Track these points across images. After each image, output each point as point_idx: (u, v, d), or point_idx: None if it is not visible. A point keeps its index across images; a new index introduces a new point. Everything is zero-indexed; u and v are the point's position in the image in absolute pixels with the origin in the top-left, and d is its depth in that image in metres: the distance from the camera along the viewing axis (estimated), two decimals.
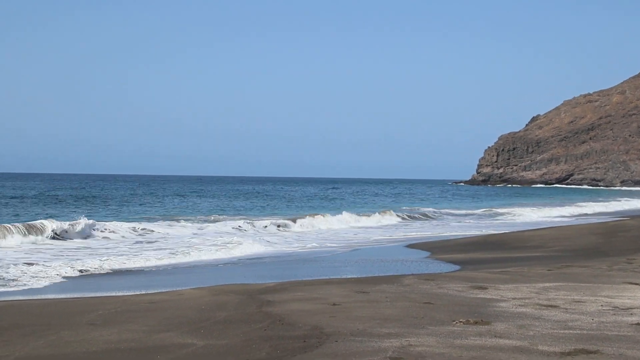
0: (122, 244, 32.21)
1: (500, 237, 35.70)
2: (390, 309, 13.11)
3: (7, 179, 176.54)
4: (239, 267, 23.55)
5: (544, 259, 23.99)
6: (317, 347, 9.99)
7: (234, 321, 12.11)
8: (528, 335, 10.72)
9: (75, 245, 31.07)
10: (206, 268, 23.11)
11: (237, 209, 67.28)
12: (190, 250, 27.93)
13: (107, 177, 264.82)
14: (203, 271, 22.31)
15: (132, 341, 10.68)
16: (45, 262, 23.09)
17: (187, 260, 25.10)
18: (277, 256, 27.42)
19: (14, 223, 34.97)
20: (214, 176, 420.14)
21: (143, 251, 28.17)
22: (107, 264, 22.98)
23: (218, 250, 28.18)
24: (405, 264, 23.70)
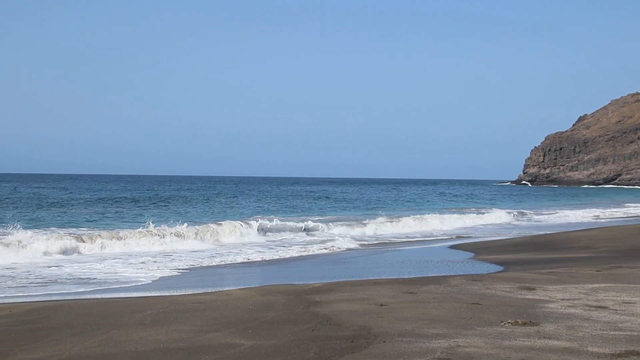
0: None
1: (547, 238, 35.52)
2: (437, 309, 13.07)
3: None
4: (287, 266, 23.64)
5: (592, 260, 23.81)
6: (365, 347, 9.98)
7: (282, 321, 12.13)
8: (577, 337, 10.65)
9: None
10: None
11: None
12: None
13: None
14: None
15: (181, 341, 10.73)
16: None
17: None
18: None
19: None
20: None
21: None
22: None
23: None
24: (451, 265, 23.65)
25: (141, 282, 19.95)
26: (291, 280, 19.01)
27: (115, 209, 61.21)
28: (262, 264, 25.54)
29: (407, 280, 18.03)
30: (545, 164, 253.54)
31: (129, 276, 21.13)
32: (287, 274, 21.91)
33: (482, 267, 22.54)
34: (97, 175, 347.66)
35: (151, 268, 23.18)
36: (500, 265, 22.77)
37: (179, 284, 19.59)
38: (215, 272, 23.09)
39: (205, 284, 18.99)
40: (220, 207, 68.40)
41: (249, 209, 66.69)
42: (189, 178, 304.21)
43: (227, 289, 16.83)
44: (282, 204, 78.25)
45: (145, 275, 21.36)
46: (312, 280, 19.06)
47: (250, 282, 18.83)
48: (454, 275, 19.31)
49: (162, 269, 22.91)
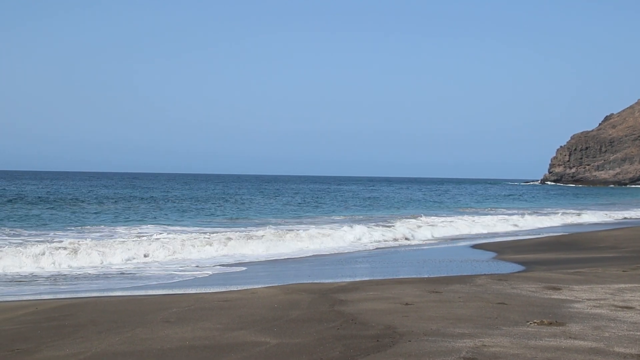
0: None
1: (573, 238, 35.43)
2: (463, 309, 13.05)
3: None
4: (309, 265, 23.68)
5: (618, 260, 23.73)
6: (390, 346, 9.98)
7: (307, 320, 12.14)
8: (604, 337, 10.61)
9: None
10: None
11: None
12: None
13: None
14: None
15: (206, 339, 10.76)
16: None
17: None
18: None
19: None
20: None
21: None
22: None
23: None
24: (476, 264, 23.64)
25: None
26: (316, 279, 19.02)
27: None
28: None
29: (432, 279, 18.01)
30: (570, 163, 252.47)
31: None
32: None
33: (508, 267, 22.49)
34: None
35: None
36: (526, 265, 22.71)
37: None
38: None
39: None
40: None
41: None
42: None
43: (252, 287, 16.87)
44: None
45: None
46: (340, 278, 19.11)
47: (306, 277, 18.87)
48: (479, 274, 19.26)
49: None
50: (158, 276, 20.83)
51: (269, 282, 18.56)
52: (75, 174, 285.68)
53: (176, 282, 19.57)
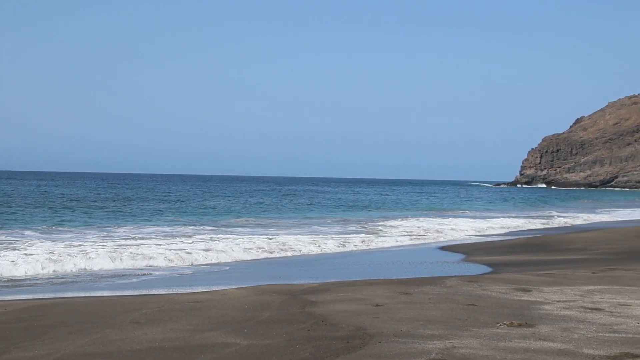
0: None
1: (543, 240, 35.56)
2: (433, 310, 13.08)
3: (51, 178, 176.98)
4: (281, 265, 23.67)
5: (588, 262, 23.84)
6: (360, 348, 9.99)
7: (278, 321, 12.13)
8: (573, 339, 10.66)
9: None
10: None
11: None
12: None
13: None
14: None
15: (176, 340, 10.73)
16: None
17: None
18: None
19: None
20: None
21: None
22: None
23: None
24: (446, 266, 23.71)
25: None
26: (287, 280, 19.00)
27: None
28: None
29: (402, 280, 18.02)
30: (542, 165, 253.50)
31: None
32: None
33: (478, 269, 22.56)
34: (104, 174, 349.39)
35: None
36: (496, 267, 22.78)
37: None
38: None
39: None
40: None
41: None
42: (185, 177, 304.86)
43: (223, 288, 16.84)
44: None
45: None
46: (310, 280, 19.10)
47: (251, 281, 18.82)
48: (450, 276, 19.31)
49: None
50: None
51: (240, 282, 18.54)
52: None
53: (146, 282, 19.50)
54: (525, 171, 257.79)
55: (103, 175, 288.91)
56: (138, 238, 32.28)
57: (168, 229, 38.82)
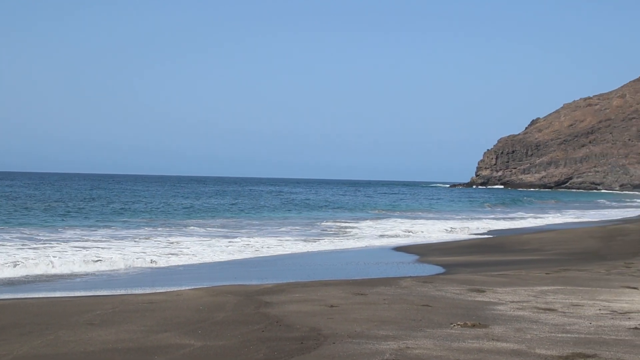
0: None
1: (498, 240, 35.76)
2: (388, 311, 13.11)
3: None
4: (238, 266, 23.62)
5: (542, 262, 24.01)
6: (315, 348, 9.99)
7: (232, 322, 12.11)
8: (525, 339, 10.73)
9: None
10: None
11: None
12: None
13: (115, 178, 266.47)
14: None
15: (130, 341, 10.68)
16: None
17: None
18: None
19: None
20: (213, 177, 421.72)
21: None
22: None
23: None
24: (401, 267, 23.77)
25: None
26: (243, 281, 18.97)
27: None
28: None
29: (357, 281, 18.05)
30: (497, 166, 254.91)
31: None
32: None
33: (433, 269, 22.63)
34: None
35: None
36: (451, 267, 22.86)
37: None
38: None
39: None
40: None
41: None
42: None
43: (177, 289, 16.77)
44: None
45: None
46: (265, 280, 19.08)
47: (205, 282, 18.76)
48: (405, 276, 19.36)
49: None
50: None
51: (195, 283, 18.48)
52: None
53: (100, 283, 19.39)
54: (481, 172, 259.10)
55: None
56: (88, 239, 32.06)
57: (123, 231, 38.51)
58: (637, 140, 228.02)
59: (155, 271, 22.50)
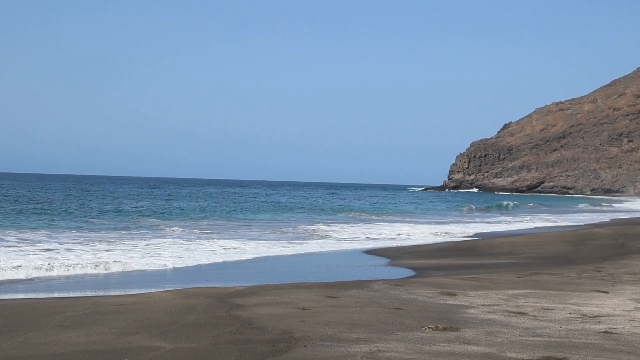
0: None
1: (470, 244, 35.82)
2: (359, 314, 13.12)
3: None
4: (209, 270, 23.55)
5: (513, 266, 24.11)
6: (286, 351, 9.99)
7: (203, 324, 12.08)
8: (496, 342, 10.76)
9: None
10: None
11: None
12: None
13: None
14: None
15: (100, 343, 10.63)
16: None
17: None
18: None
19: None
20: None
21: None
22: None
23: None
24: (374, 269, 23.82)
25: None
26: (214, 283, 18.94)
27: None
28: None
29: (330, 284, 18.04)
30: (470, 170, 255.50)
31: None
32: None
33: (405, 272, 22.68)
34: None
35: None
36: (423, 271, 22.92)
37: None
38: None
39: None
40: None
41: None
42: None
43: (149, 291, 16.72)
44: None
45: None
46: (237, 283, 19.05)
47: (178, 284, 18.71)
48: (377, 279, 19.39)
49: None
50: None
51: (166, 285, 18.43)
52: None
53: (71, 284, 19.30)
54: (453, 176, 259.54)
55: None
56: (57, 241, 31.89)
57: (92, 234, 38.31)
58: (609, 145, 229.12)
59: (127, 273, 22.38)
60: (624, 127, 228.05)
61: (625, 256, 27.17)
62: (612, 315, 13.51)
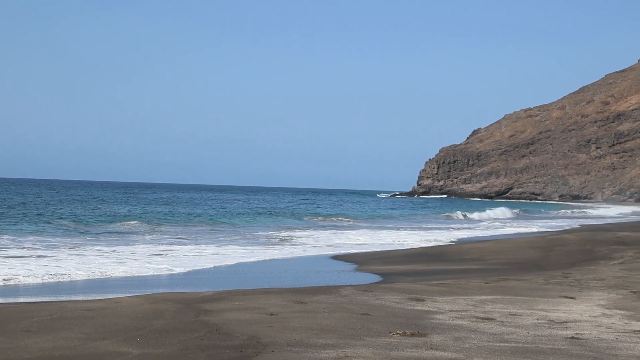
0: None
1: (439, 250, 35.89)
2: (327, 319, 13.12)
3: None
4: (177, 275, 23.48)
5: (482, 272, 24.19)
6: (254, 357, 9.98)
7: (171, 330, 12.04)
8: (464, 348, 10.79)
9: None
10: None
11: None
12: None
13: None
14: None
15: (67, 349, 10.58)
16: None
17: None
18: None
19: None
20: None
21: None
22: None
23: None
24: (342, 275, 23.86)
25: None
26: (183, 288, 18.89)
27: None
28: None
29: (298, 289, 18.03)
30: (439, 176, 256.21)
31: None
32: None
33: (373, 278, 22.71)
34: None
35: None
36: (391, 276, 22.95)
37: None
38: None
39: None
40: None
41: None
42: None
43: (117, 296, 16.64)
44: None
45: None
46: (205, 288, 19.00)
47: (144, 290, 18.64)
48: (345, 285, 19.39)
49: None
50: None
51: (135, 291, 18.36)
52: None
53: (39, 290, 19.19)
54: (422, 181, 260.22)
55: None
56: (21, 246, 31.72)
57: (55, 239, 38.12)
58: (577, 152, 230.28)
59: (95, 279, 22.26)
60: (592, 134, 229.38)
61: (593, 262, 27.33)
62: (579, 321, 13.59)
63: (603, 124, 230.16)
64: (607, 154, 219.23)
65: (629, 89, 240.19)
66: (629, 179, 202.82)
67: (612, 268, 24.39)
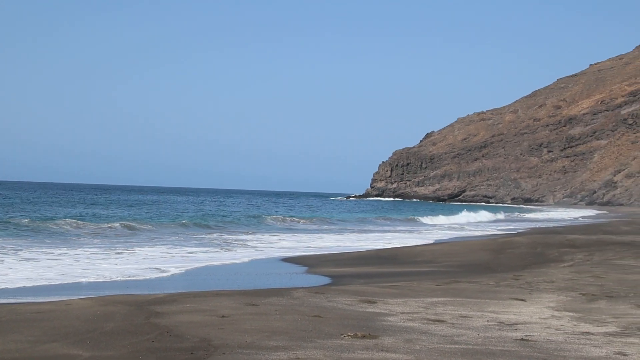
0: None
1: (392, 252, 35.94)
2: (279, 321, 13.11)
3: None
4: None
5: (433, 274, 24.29)
6: (205, 359, 9.97)
7: (121, 332, 11.99)
8: (414, 350, 10.84)
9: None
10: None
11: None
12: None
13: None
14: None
15: (16, 352, 10.49)
16: None
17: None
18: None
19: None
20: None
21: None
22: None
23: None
24: (294, 277, 23.86)
25: None
26: (134, 290, 18.80)
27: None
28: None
29: (250, 292, 18.00)
30: (392, 178, 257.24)
31: None
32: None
33: (325, 280, 22.74)
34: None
35: None
36: (344, 278, 22.98)
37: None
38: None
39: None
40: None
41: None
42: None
43: (67, 299, 16.52)
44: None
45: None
46: (156, 290, 18.92)
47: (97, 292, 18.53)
48: (297, 287, 19.40)
49: None
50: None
51: (85, 293, 18.25)
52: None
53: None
54: (376, 184, 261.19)
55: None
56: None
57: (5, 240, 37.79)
58: (529, 155, 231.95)
59: (45, 281, 22.08)
60: (544, 138, 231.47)
61: (543, 265, 27.56)
62: (529, 323, 13.69)
63: (555, 128, 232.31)
64: (558, 157, 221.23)
65: (581, 93, 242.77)
66: (580, 182, 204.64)
67: (562, 270, 24.57)
